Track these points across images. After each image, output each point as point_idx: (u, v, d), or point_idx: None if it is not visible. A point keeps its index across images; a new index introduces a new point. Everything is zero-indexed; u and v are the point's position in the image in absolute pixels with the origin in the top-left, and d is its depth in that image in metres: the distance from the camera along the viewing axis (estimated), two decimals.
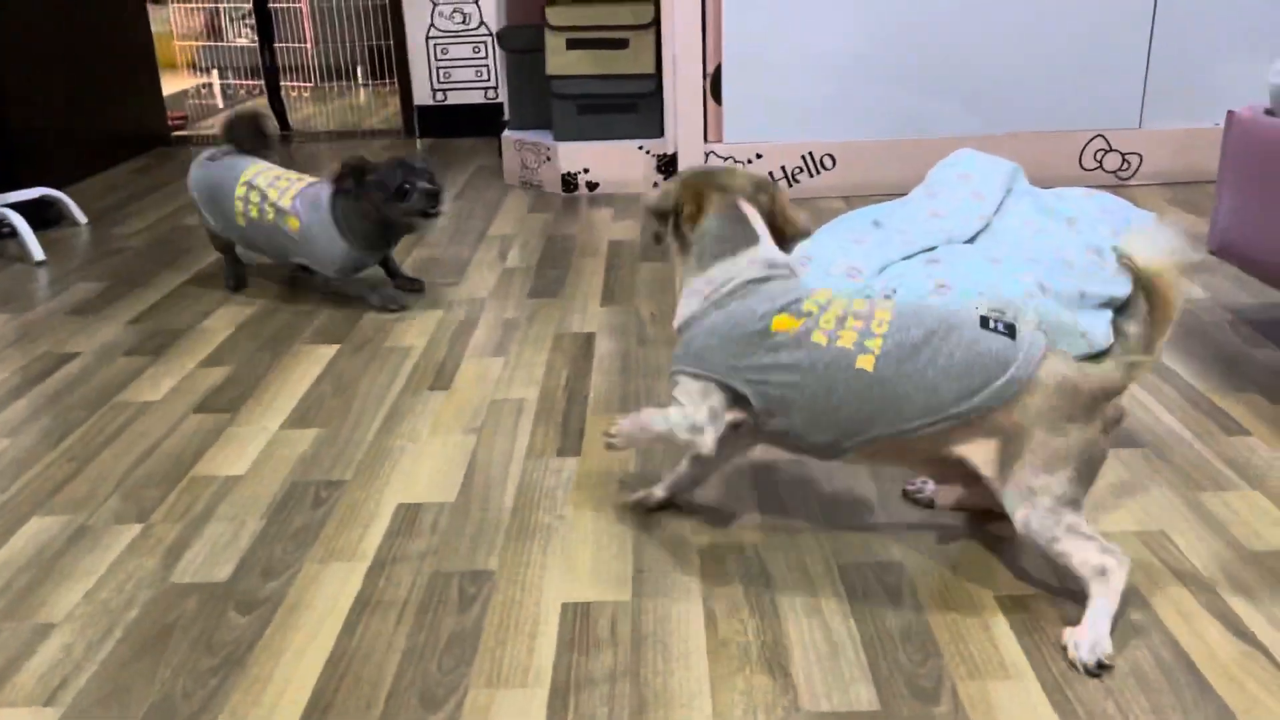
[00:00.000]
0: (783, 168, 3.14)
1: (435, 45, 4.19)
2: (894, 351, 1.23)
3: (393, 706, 1.10)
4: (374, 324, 2.18)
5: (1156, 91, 3.02)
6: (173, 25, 6.01)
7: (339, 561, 1.36)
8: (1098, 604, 1.15)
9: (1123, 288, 2.10)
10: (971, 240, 2.29)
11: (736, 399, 1.30)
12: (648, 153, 3.26)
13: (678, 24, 3.00)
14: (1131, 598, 1.23)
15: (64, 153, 3.55)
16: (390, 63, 5.16)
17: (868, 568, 1.31)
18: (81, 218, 3.07)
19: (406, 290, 2.36)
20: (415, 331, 2.14)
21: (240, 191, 2.27)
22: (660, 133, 3.26)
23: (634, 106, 3.26)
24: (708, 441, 1.29)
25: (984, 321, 1.23)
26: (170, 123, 4.43)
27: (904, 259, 2.11)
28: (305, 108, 5.21)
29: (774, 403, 1.27)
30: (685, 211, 1.37)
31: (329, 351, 2.05)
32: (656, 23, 3.17)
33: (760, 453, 1.60)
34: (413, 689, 1.12)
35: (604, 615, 1.24)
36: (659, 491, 1.45)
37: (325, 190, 2.20)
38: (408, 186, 2.12)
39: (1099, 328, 1.93)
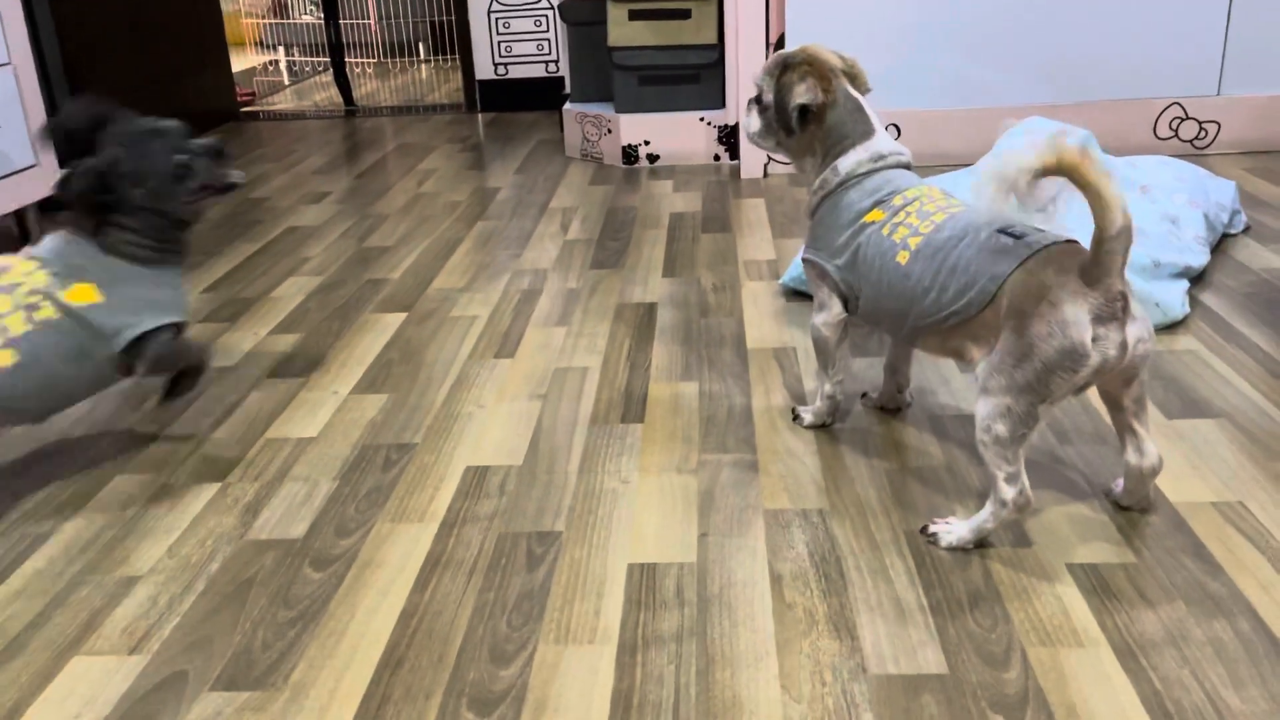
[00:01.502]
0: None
1: (497, 19, 4.21)
2: (924, 249, 1.32)
3: (464, 661, 1.12)
4: (439, 294, 2.21)
5: (1236, 57, 2.92)
6: (240, 3, 6.10)
7: (409, 521, 1.38)
8: (978, 516, 1.26)
9: (1199, 257, 2.05)
10: (1042, 209, 2.24)
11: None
12: (709, 124, 3.24)
13: None
14: (1209, 568, 1.21)
15: None
16: (452, 38, 5.19)
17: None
18: None
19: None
20: (480, 301, 2.16)
21: None
22: (722, 104, 3.24)
23: (696, 77, 3.24)
24: (825, 328, 1.50)
25: (1002, 229, 1.26)
26: (239, 99, 4.51)
27: None
28: (368, 84, 5.27)
29: (854, 287, 1.43)
30: (820, 103, 1.44)
31: (396, 319, 2.08)
32: None
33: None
34: (483, 645, 1.14)
35: (670, 577, 1.25)
36: (873, 396, 1.64)
37: (82, 239, 1.46)
38: (185, 164, 1.48)
39: (1174, 297, 1.89)
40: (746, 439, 1.56)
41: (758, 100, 1.51)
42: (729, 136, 3.24)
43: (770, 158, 3.09)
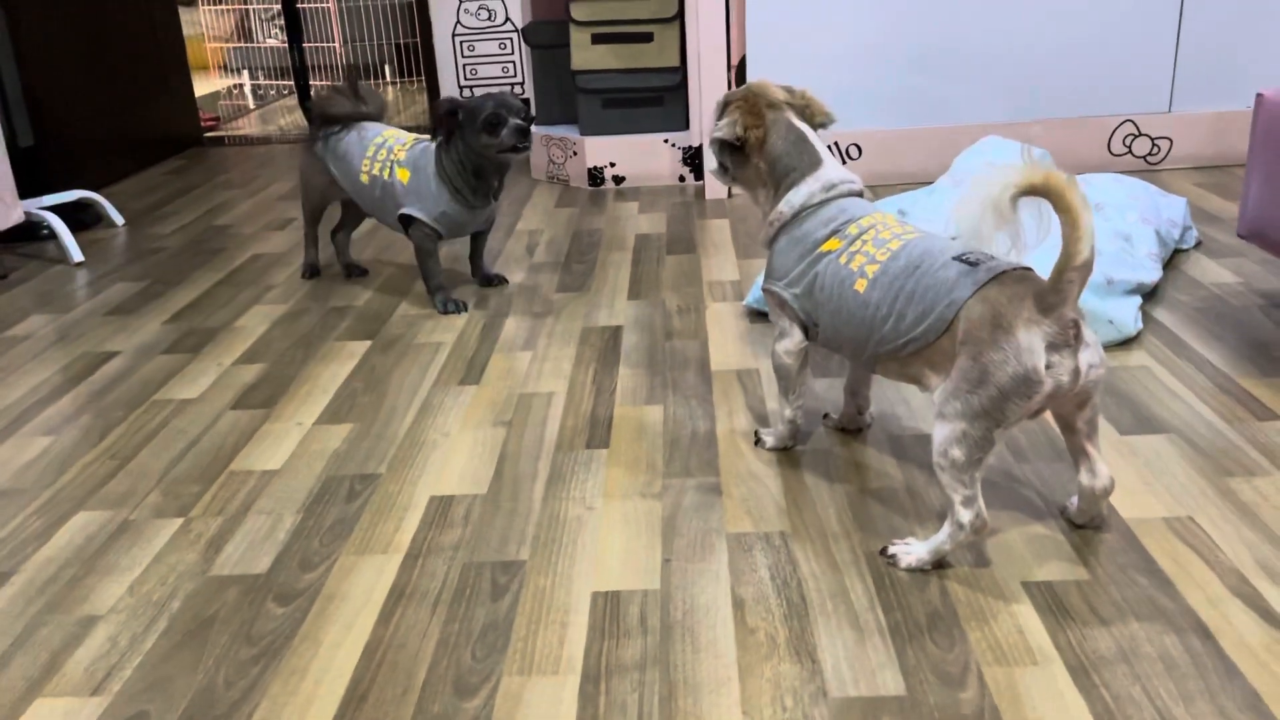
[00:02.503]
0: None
1: (461, 42, 4.22)
2: (880, 278, 1.34)
3: (428, 694, 1.12)
4: (404, 320, 2.22)
5: (1186, 74, 2.99)
6: (203, 27, 6.08)
7: (374, 553, 1.39)
8: (935, 538, 1.29)
9: (1151, 274, 2.09)
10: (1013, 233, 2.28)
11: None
12: (673, 145, 3.27)
13: (702, 16, 3.01)
14: (1160, 583, 1.24)
15: (99, 156, 3.61)
16: (417, 60, 5.20)
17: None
18: (119, 219, 3.13)
19: (484, 284, 2.42)
20: (444, 327, 2.17)
21: (371, 151, 2.29)
22: (686, 125, 3.27)
23: (659, 100, 3.27)
24: (786, 355, 1.51)
25: (959, 255, 1.29)
26: (203, 124, 4.49)
27: None
28: None
29: (812, 315, 1.45)
30: (752, 139, 1.47)
31: (360, 348, 2.08)
32: (680, 16, 3.18)
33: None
34: (447, 677, 1.15)
35: (633, 604, 1.26)
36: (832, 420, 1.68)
37: (433, 144, 2.22)
38: (497, 119, 2.08)
39: (1127, 314, 1.92)
40: (710, 462, 1.57)
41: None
42: (693, 158, 3.27)
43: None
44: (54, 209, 2.88)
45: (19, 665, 1.20)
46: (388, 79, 5.92)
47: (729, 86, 3.10)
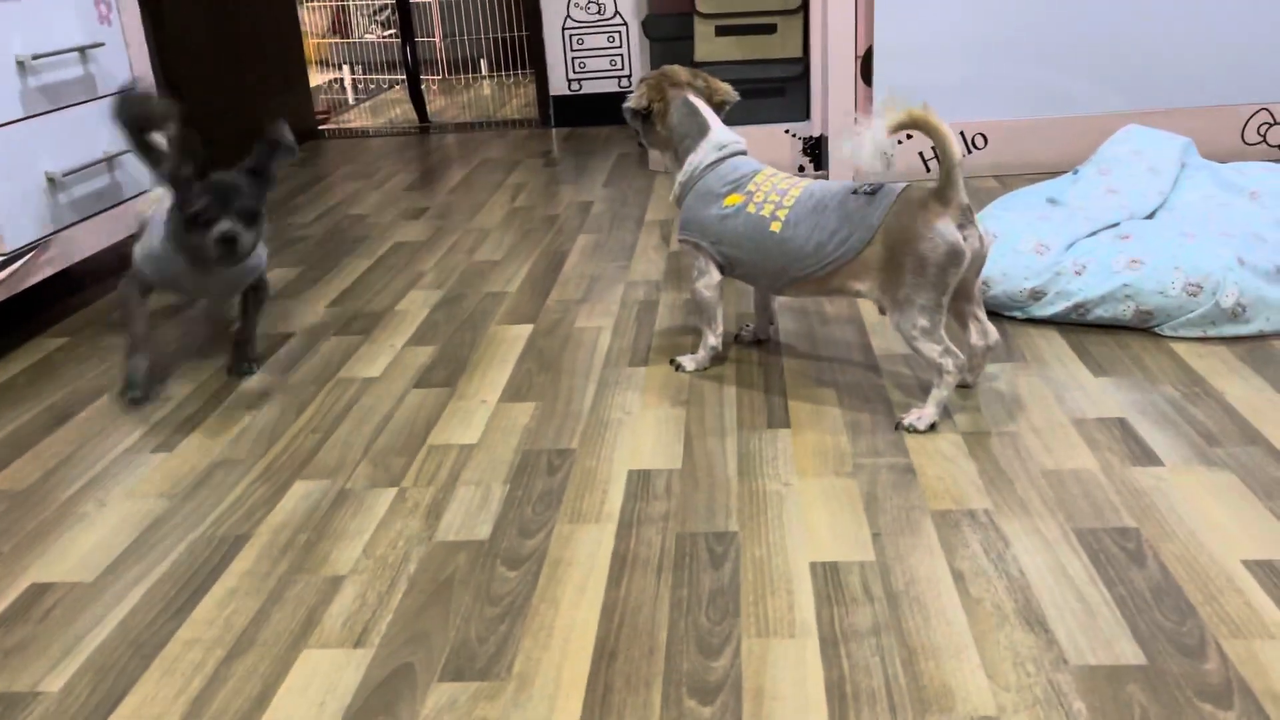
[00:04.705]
0: (933, 147, 3.14)
1: (571, 35, 4.29)
2: (793, 218, 1.68)
3: (674, 653, 1.17)
4: (559, 305, 2.28)
5: None
6: (303, 23, 6.22)
7: (588, 522, 1.44)
8: (933, 393, 1.62)
9: None
10: (1150, 216, 2.28)
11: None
12: (794, 136, 3.30)
13: (831, 7, 3.03)
14: None
15: (231, 147, 3.74)
16: (517, 54, 5.28)
17: (1104, 533, 1.35)
18: None
19: (234, 369, 2.01)
20: (600, 312, 2.23)
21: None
22: (806, 116, 3.30)
23: (780, 90, 3.30)
24: (706, 290, 1.83)
25: (854, 190, 1.64)
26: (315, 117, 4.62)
27: (1090, 235, 2.12)
28: (435, 100, 5.37)
29: (729, 257, 1.78)
30: (655, 110, 1.82)
31: (523, 331, 2.14)
32: (804, 7, 3.20)
33: (974, 423, 1.64)
34: (689, 638, 1.20)
35: (853, 574, 1.29)
36: (747, 334, 2.02)
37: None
38: (207, 219, 1.72)
39: None
40: (895, 442, 1.60)
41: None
42: (813, 148, 3.29)
43: (857, 170, 3.14)
44: None
45: (279, 619, 1.27)
46: (484, 74, 6.01)
47: (855, 77, 3.12)
